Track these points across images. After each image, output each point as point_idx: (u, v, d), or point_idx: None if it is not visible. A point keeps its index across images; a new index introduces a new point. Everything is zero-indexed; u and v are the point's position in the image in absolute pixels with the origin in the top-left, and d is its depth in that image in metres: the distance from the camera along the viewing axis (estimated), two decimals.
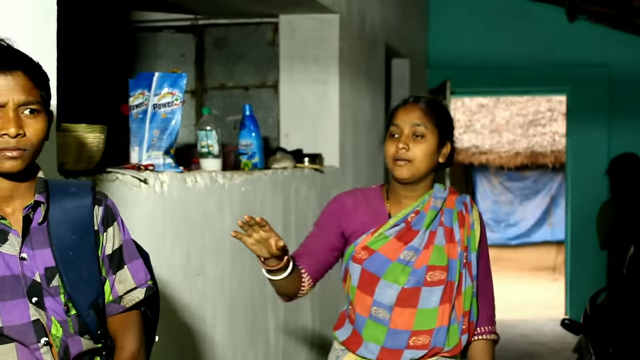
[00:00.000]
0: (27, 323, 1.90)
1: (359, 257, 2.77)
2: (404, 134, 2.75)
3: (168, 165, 3.27)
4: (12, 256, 1.90)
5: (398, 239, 2.76)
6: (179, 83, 3.33)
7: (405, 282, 2.72)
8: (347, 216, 2.83)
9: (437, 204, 2.79)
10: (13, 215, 1.93)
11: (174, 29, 5.66)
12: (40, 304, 1.92)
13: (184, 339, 3.34)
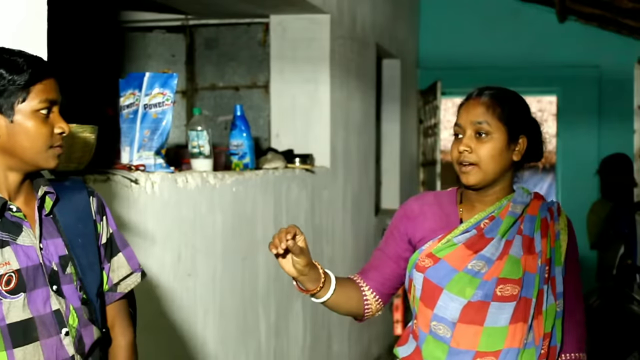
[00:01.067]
0: (50, 313, 1.97)
1: (422, 265, 2.45)
2: (466, 135, 2.42)
3: (159, 166, 3.26)
4: (30, 247, 1.97)
5: (467, 247, 2.43)
6: (170, 83, 3.32)
7: (472, 296, 2.38)
8: (413, 222, 2.53)
9: (516, 209, 2.45)
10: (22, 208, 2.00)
11: (164, 29, 5.65)
12: (59, 291, 2.00)
13: (175, 339, 3.33)
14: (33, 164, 1.98)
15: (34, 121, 1.95)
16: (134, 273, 2.25)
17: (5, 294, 1.91)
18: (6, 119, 1.93)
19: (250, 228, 4.00)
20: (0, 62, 1.92)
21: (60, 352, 1.98)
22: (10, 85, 1.92)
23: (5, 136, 1.93)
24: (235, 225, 3.82)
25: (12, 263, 1.93)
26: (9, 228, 1.95)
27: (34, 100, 1.94)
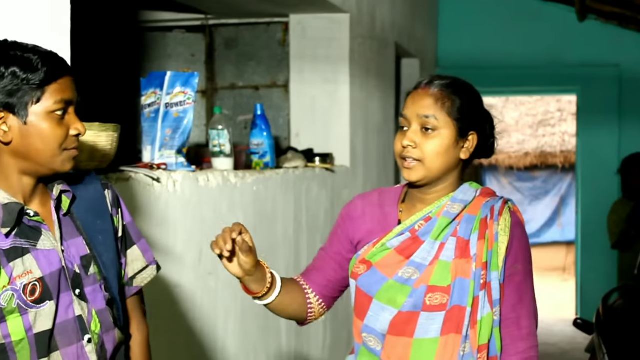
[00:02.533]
0: (72, 319, 1.93)
1: (355, 272, 2.27)
2: (411, 128, 2.22)
3: (180, 164, 3.26)
4: (52, 250, 1.92)
5: (399, 252, 2.23)
6: (191, 82, 3.33)
7: (402, 305, 2.19)
8: (354, 223, 2.35)
9: (453, 209, 2.24)
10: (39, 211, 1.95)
11: (184, 29, 5.66)
12: (82, 295, 1.95)
13: (196, 339, 3.33)
14: (48, 168, 1.91)
15: (49, 123, 1.87)
16: (150, 266, 2.21)
17: (31, 304, 1.86)
18: (19, 121, 1.85)
19: (270, 227, 4.00)
20: (13, 60, 1.84)
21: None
22: (24, 85, 1.83)
23: (19, 138, 1.86)
24: (256, 224, 3.82)
25: (34, 271, 1.87)
26: (27, 234, 1.90)
27: (48, 100, 1.86)
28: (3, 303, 1.84)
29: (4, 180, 1.90)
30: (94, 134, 2.64)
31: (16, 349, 1.86)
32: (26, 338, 1.86)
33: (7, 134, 1.86)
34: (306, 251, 4.41)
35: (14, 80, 1.83)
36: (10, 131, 1.86)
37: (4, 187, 1.89)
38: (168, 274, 3.09)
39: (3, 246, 1.86)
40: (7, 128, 1.86)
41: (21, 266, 1.86)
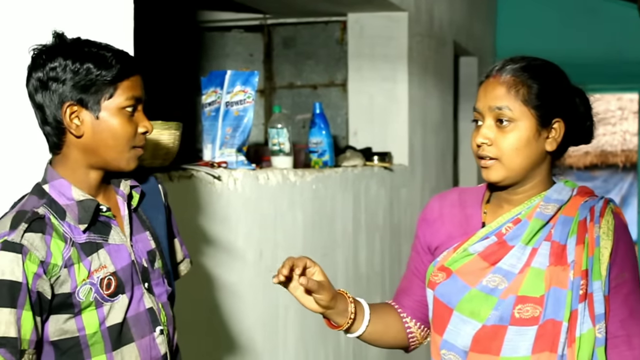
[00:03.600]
0: (144, 312, 1.97)
1: (433, 281, 2.01)
2: (485, 123, 1.94)
3: (241, 163, 3.28)
4: (121, 245, 1.96)
5: (484, 258, 1.95)
6: (251, 81, 3.35)
7: (487, 318, 1.92)
8: (431, 226, 2.09)
9: (547, 210, 1.95)
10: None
11: (242, 28, 5.69)
12: (150, 289, 2.00)
13: (256, 336, 3.35)
14: (114, 165, 1.94)
15: (120, 118, 1.91)
16: (186, 259, 2.25)
17: (107, 298, 1.90)
18: (92, 115, 1.89)
19: (329, 225, 4.01)
20: (88, 56, 1.88)
21: (153, 351, 1.97)
22: (98, 81, 1.87)
23: (90, 133, 1.90)
24: (315, 222, 3.83)
25: (108, 266, 1.91)
26: (100, 229, 1.94)
27: (120, 97, 1.90)
28: (82, 297, 1.87)
29: (72, 174, 1.94)
30: (156, 132, 2.67)
31: (89, 342, 1.90)
32: (99, 331, 1.90)
33: (79, 127, 1.90)
34: (365, 250, 4.40)
35: (88, 76, 1.87)
36: (82, 125, 1.90)
37: (72, 181, 1.93)
38: (229, 271, 3.11)
39: (79, 241, 1.90)
40: (80, 122, 1.89)
41: (97, 261, 1.91)
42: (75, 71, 1.87)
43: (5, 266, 1.80)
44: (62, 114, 1.88)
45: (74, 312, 1.88)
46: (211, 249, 3.01)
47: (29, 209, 1.88)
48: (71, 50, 1.89)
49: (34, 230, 1.84)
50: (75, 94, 1.88)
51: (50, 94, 1.88)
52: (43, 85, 1.89)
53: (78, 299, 1.87)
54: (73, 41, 1.93)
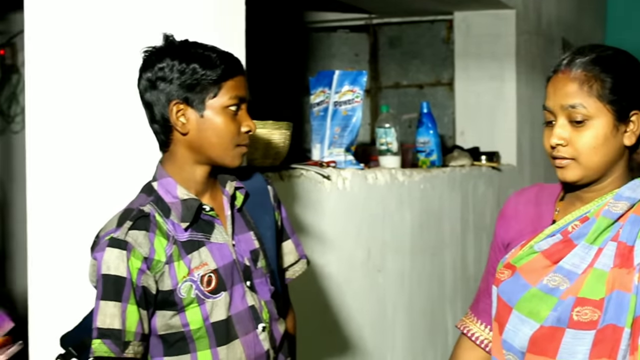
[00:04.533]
0: (246, 309, 2.00)
1: (498, 278, 1.92)
2: (558, 122, 1.82)
3: (349, 162, 3.29)
4: (223, 244, 2.00)
5: (546, 256, 1.85)
6: (359, 80, 3.35)
7: (545, 319, 1.81)
8: (507, 223, 2.01)
9: (616, 208, 1.82)
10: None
11: (348, 28, 5.71)
12: (252, 287, 2.03)
13: (365, 334, 3.35)
14: (219, 162, 1.98)
15: (224, 117, 1.95)
16: (301, 260, 2.26)
17: (208, 294, 1.94)
18: (196, 113, 1.94)
19: (437, 225, 3.99)
20: (194, 57, 1.94)
21: (257, 348, 2.00)
22: (203, 80, 1.93)
23: (195, 131, 1.95)
24: (423, 221, 3.81)
25: (209, 263, 1.95)
26: (202, 227, 1.98)
27: (224, 96, 1.94)
28: (183, 293, 1.92)
29: (179, 172, 1.99)
30: (267, 131, 2.70)
31: (194, 337, 1.94)
32: (204, 327, 1.94)
33: (185, 125, 1.95)
34: (472, 250, 4.36)
35: (193, 76, 1.93)
36: (188, 123, 1.95)
37: (178, 180, 1.98)
38: (337, 270, 3.13)
39: (181, 238, 1.94)
40: (186, 120, 1.95)
41: (197, 258, 1.95)
42: (182, 71, 1.93)
43: (111, 262, 1.88)
44: (169, 111, 1.94)
45: (177, 308, 1.93)
46: (320, 248, 3.02)
47: (136, 207, 1.95)
48: (178, 51, 1.96)
49: (138, 227, 1.91)
50: (181, 93, 1.93)
51: (158, 93, 1.95)
52: (152, 84, 1.95)
53: (180, 295, 1.92)
54: (181, 43, 1.99)
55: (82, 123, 2.48)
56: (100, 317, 1.88)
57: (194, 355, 1.95)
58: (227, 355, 1.96)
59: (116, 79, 2.41)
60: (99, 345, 1.87)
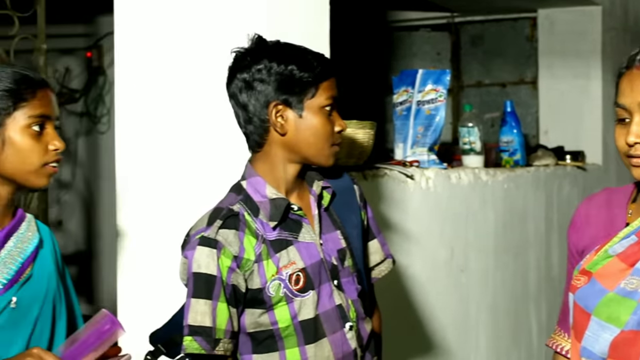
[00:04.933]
0: (333, 308, 2.01)
1: (574, 285, 1.84)
2: (634, 120, 1.72)
3: (432, 162, 3.28)
4: (311, 243, 2.01)
5: (622, 259, 1.77)
6: (443, 79, 3.34)
7: (626, 323, 1.73)
8: (578, 231, 1.93)
9: None
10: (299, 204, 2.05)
11: (429, 27, 5.69)
12: (339, 286, 2.03)
13: (448, 334, 3.34)
14: (314, 161, 2.01)
15: (321, 117, 1.98)
16: (387, 259, 2.25)
17: (296, 293, 1.96)
18: (295, 114, 1.97)
19: (521, 225, 3.95)
20: (291, 58, 1.96)
21: (344, 347, 2.01)
22: (302, 81, 1.95)
23: (293, 131, 1.97)
24: (506, 221, 3.78)
25: (297, 262, 1.97)
26: (290, 227, 1.99)
27: (321, 96, 1.97)
28: (272, 292, 1.94)
29: (270, 171, 2.01)
30: (351, 131, 2.71)
31: (283, 335, 1.97)
32: (292, 325, 1.96)
33: (283, 125, 1.97)
34: (557, 250, 4.30)
35: (292, 77, 1.96)
36: (286, 123, 1.97)
37: (269, 179, 2.00)
38: (421, 270, 3.12)
39: (269, 237, 1.97)
40: (284, 120, 1.97)
41: (286, 257, 1.97)
42: (280, 72, 1.95)
43: (202, 260, 1.91)
44: (268, 113, 1.97)
45: (266, 307, 1.95)
46: (404, 247, 3.02)
47: (225, 206, 1.98)
48: (275, 52, 1.98)
49: (228, 226, 1.93)
50: (280, 94, 1.96)
51: (256, 94, 1.97)
52: (248, 85, 1.97)
53: (269, 294, 1.94)
54: (274, 44, 2.01)
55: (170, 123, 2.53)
56: (192, 314, 1.91)
57: (283, 353, 1.97)
58: (315, 354, 1.97)
59: (203, 80, 2.45)
60: (190, 342, 1.91)
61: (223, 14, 2.44)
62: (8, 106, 1.81)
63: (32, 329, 1.86)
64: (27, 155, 1.83)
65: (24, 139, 1.82)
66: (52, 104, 1.88)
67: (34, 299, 1.86)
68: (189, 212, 2.17)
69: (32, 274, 1.87)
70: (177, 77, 2.51)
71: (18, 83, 1.83)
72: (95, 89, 6.41)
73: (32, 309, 1.86)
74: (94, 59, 6.41)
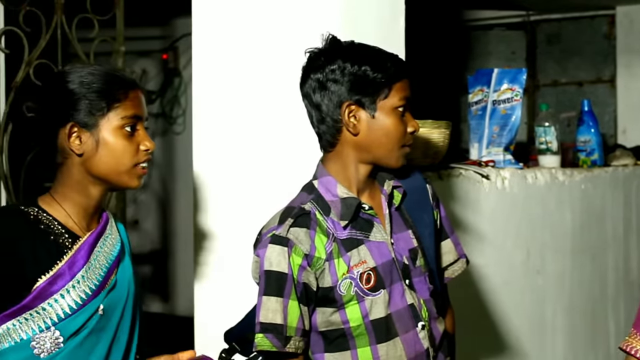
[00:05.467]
0: (405, 307, 2.00)
1: None
2: None
3: (508, 162, 3.25)
4: (382, 243, 2.01)
5: None
6: (519, 79, 3.30)
7: None
8: None
9: None
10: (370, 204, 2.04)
11: (504, 26, 5.63)
12: (411, 285, 2.03)
13: (522, 336, 3.30)
14: (384, 162, 2.00)
15: (393, 118, 1.97)
16: (460, 259, 2.24)
17: (367, 292, 1.96)
18: (368, 114, 1.96)
19: (599, 226, 3.88)
20: (365, 59, 1.96)
21: (417, 346, 2.01)
22: (375, 82, 1.95)
23: (366, 131, 1.97)
24: (584, 222, 3.72)
25: (368, 261, 1.97)
26: (361, 226, 1.99)
27: (394, 97, 1.97)
28: (343, 290, 1.95)
29: (342, 171, 2.01)
30: (427, 131, 2.70)
31: (354, 334, 1.97)
32: (363, 324, 1.97)
33: (356, 126, 1.98)
34: (636, 251, 4.22)
35: (366, 77, 1.95)
36: (359, 123, 1.98)
37: (340, 179, 2.01)
38: (496, 271, 3.09)
39: (340, 236, 1.97)
40: (357, 121, 1.97)
41: (357, 256, 1.97)
42: (354, 73, 1.95)
43: (273, 258, 1.93)
44: (341, 113, 1.97)
45: (337, 305, 1.96)
46: (478, 248, 3.00)
47: (297, 205, 1.99)
48: (349, 53, 1.98)
49: (300, 225, 1.95)
50: (353, 94, 1.96)
51: (329, 94, 1.97)
52: (322, 85, 1.98)
53: (340, 292, 1.95)
54: (348, 44, 2.01)
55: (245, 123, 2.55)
56: (263, 312, 1.93)
57: (354, 352, 1.98)
58: (387, 353, 1.97)
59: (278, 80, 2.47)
60: (261, 339, 1.93)
61: (298, 15, 2.45)
62: (102, 107, 1.83)
63: (114, 334, 1.89)
64: (120, 155, 1.85)
65: (117, 139, 1.84)
66: (142, 104, 1.91)
67: (117, 304, 1.89)
68: (263, 210, 2.18)
69: (116, 279, 1.90)
70: (253, 78, 2.53)
71: (111, 84, 1.85)
72: (171, 91, 6.50)
73: (115, 313, 1.89)
74: (169, 60, 6.50)
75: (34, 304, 1.76)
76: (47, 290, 1.77)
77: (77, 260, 1.82)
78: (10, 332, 1.76)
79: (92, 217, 1.90)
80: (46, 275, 1.77)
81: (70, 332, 1.79)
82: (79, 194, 1.86)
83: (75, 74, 1.84)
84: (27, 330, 1.76)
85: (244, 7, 2.54)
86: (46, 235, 1.81)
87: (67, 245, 1.82)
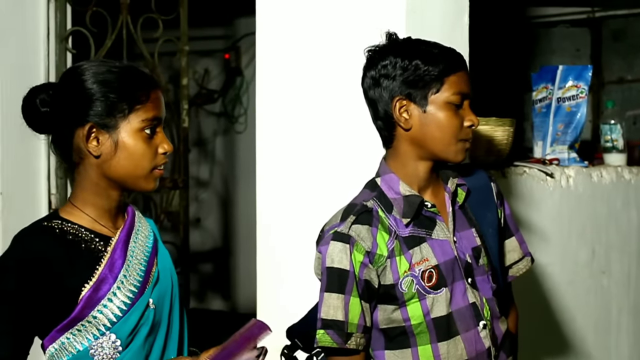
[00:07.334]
0: (467, 306, 1.99)
1: None
2: None
3: (573, 160, 3.21)
4: (444, 241, 2.00)
5: None
6: (584, 75, 3.27)
7: None
8: None
9: None
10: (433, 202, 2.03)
11: (568, 23, 5.56)
12: (474, 284, 2.02)
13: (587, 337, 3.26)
14: (442, 156, 1.98)
15: (446, 112, 1.95)
16: (525, 258, 2.21)
17: (429, 290, 1.95)
18: (419, 109, 1.95)
19: None
20: (416, 53, 1.95)
21: (478, 345, 1.99)
22: (425, 76, 1.93)
23: (418, 126, 1.96)
24: None
25: (430, 259, 1.96)
26: (424, 223, 1.99)
27: (447, 91, 1.94)
28: (404, 288, 1.95)
29: (402, 168, 2.00)
30: (490, 128, 2.68)
31: (415, 332, 1.96)
32: (424, 322, 1.96)
33: (407, 121, 1.97)
34: None
35: (416, 72, 1.94)
36: (410, 118, 1.97)
37: (401, 176, 2.00)
38: (560, 270, 3.06)
39: (402, 234, 1.97)
40: (408, 115, 1.96)
41: (419, 254, 1.96)
42: (404, 67, 1.94)
43: (335, 255, 1.93)
44: (392, 108, 1.96)
45: (398, 303, 1.95)
46: (542, 246, 2.97)
47: (359, 202, 1.99)
48: (401, 48, 1.98)
49: (361, 222, 1.95)
50: (404, 89, 1.95)
51: (382, 90, 1.97)
52: (375, 82, 1.98)
53: (401, 290, 1.94)
54: (404, 40, 2.01)
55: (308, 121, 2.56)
56: (324, 308, 1.94)
57: (415, 349, 1.97)
58: (448, 351, 1.96)
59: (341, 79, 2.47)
60: (322, 336, 1.93)
61: (363, 14, 2.45)
62: (123, 109, 1.78)
63: (168, 327, 1.88)
64: (139, 159, 1.79)
65: (137, 143, 1.79)
66: (162, 105, 1.84)
67: (164, 295, 1.88)
68: (325, 208, 2.19)
69: (158, 271, 1.88)
70: (316, 77, 2.54)
71: (133, 84, 1.79)
72: (233, 90, 6.54)
73: (165, 306, 1.88)
74: (231, 60, 6.54)
75: (84, 314, 1.75)
76: (93, 298, 1.76)
77: (115, 260, 1.80)
78: (66, 345, 1.76)
79: (117, 215, 1.87)
80: (89, 283, 1.75)
81: (127, 333, 1.78)
82: (99, 196, 1.82)
83: (94, 71, 1.78)
84: (83, 340, 1.76)
85: (307, 6, 2.55)
86: (77, 244, 1.78)
87: (100, 248, 1.80)
